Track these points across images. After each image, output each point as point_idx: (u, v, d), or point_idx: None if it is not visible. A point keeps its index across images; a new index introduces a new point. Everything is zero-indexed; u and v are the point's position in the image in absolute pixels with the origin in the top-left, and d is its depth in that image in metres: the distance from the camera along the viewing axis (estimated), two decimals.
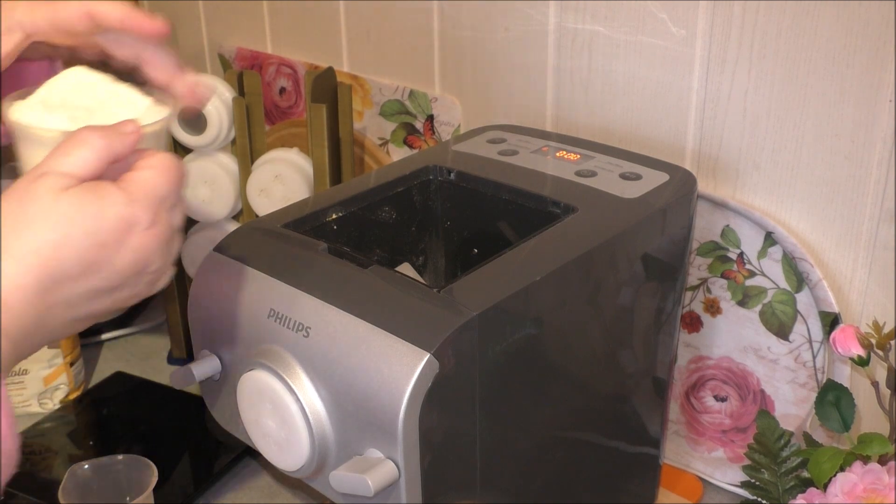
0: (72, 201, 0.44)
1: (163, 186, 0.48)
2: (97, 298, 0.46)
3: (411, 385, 0.47)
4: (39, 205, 0.44)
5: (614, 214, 0.62)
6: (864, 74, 0.67)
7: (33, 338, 0.45)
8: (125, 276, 0.47)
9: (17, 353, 0.44)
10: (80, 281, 0.45)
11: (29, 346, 0.45)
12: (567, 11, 0.82)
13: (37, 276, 0.43)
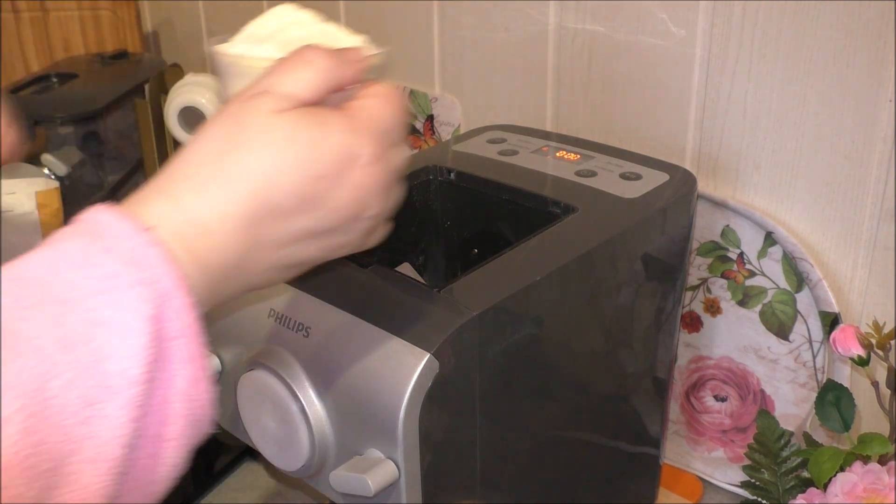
0: (291, 125, 0.40)
1: (388, 118, 0.43)
2: (307, 241, 0.41)
3: (411, 385, 0.47)
4: (255, 127, 0.39)
5: (614, 214, 0.61)
6: (864, 74, 0.67)
7: (230, 280, 0.40)
8: (341, 218, 0.41)
9: (213, 293, 0.39)
10: (293, 218, 0.40)
11: (224, 290, 0.40)
12: (567, 11, 0.82)
13: (246, 206, 0.39)
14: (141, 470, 0.35)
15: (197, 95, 0.94)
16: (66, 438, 0.32)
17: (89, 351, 0.33)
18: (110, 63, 1.12)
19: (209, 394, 0.38)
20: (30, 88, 1.05)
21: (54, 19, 1.20)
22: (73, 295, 0.34)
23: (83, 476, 0.32)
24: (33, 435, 0.31)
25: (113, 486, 0.34)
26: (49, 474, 0.31)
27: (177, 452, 0.36)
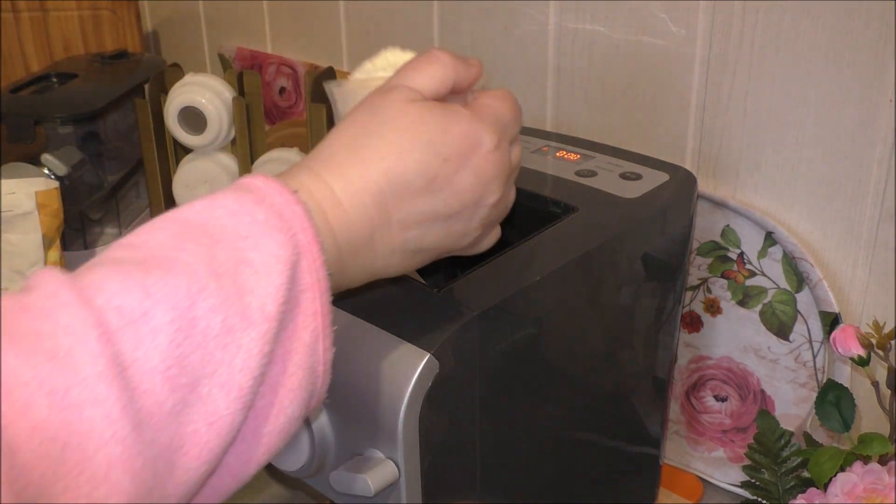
0: (419, 112, 0.44)
1: (506, 114, 0.47)
2: (431, 224, 0.44)
3: (411, 385, 0.47)
4: (387, 114, 0.43)
5: (614, 214, 0.61)
6: (864, 74, 0.67)
7: (358, 257, 0.43)
8: (462, 202, 0.44)
9: (341, 267, 0.42)
10: (419, 197, 0.43)
11: (352, 267, 0.43)
12: (567, 11, 0.82)
13: (377, 183, 0.42)
14: (259, 418, 0.38)
15: (197, 95, 0.94)
16: (205, 360, 0.34)
17: (234, 283, 0.36)
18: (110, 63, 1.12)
19: (329, 355, 0.40)
20: (30, 88, 1.05)
21: (54, 19, 1.20)
22: (224, 236, 0.37)
23: (215, 401, 0.35)
24: (178, 348, 0.34)
25: (238, 421, 0.36)
26: (187, 389, 0.34)
27: (292, 406, 0.39)
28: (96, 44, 1.22)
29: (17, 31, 1.20)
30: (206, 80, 0.96)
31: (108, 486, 0.31)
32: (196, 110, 0.94)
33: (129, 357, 0.33)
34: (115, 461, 0.32)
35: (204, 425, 0.35)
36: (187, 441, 0.34)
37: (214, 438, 0.35)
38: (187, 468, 0.35)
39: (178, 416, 0.34)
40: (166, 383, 0.33)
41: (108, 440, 0.31)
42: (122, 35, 1.23)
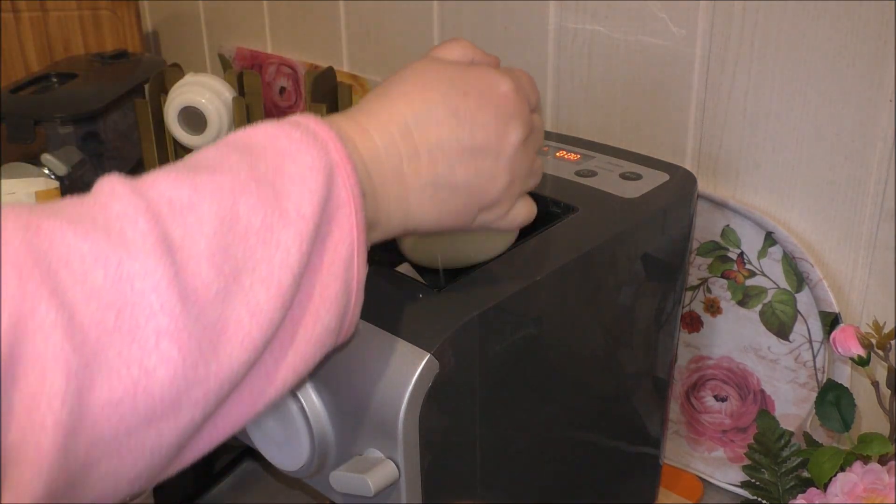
0: (441, 63, 0.49)
1: (523, 79, 0.50)
2: (459, 156, 0.46)
3: (411, 385, 0.47)
4: (413, 68, 0.48)
5: (614, 214, 0.61)
6: (864, 74, 0.67)
7: (390, 188, 0.45)
8: (486, 133, 0.46)
9: (374, 195, 0.44)
10: (443, 126, 0.46)
11: (386, 200, 0.45)
12: (567, 11, 0.82)
13: (404, 115, 0.45)
14: (297, 321, 0.40)
15: (197, 95, 0.94)
16: (247, 253, 0.37)
17: (273, 188, 0.39)
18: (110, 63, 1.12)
19: (363, 275, 0.43)
20: (30, 88, 1.05)
21: (54, 19, 1.20)
22: (264, 151, 0.40)
23: (256, 294, 0.37)
24: (223, 238, 0.37)
25: (277, 318, 0.38)
26: (230, 277, 0.37)
27: (328, 316, 0.41)
28: (96, 44, 1.22)
29: (17, 31, 1.20)
30: (206, 80, 0.96)
31: (158, 355, 0.34)
32: (196, 110, 0.94)
33: (178, 240, 0.36)
34: (164, 332, 0.34)
35: (246, 315, 0.37)
36: (231, 327, 0.37)
37: (256, 330, 0.37)
38: (230, 354, 0.37)
39: (222, 301, 0.36)
40: (212, 268, 0.36)
41: (157, 311, 0.34)
42: (122, 35, 1.23)
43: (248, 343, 0.37)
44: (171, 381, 0.34)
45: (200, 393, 0.36)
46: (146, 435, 0.35)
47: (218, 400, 0.37)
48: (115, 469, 0.35)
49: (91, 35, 1.22)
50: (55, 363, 0.32)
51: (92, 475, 0.34)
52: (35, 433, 0.32)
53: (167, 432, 0.36)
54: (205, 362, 0.36)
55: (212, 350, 0.36)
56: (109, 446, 0.34)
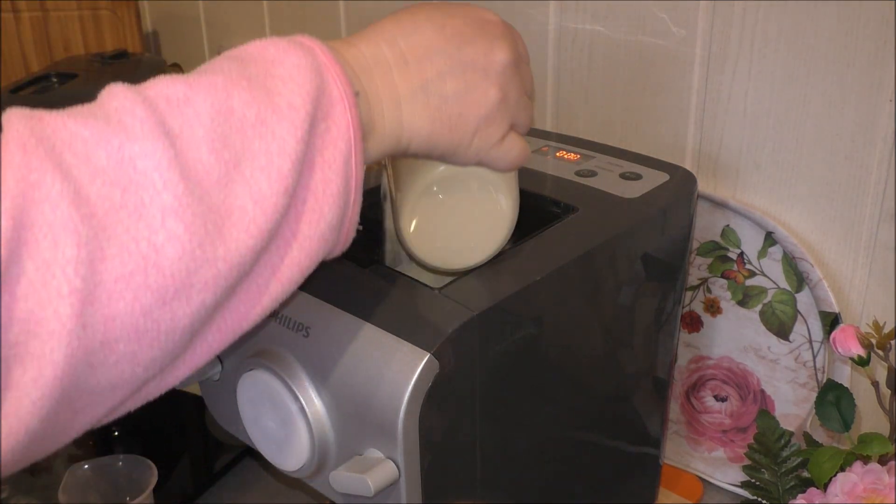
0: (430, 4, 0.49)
1: (511, 31, 0.51)
2: (448, 68, 0.47)
3: (411, 385, 0.47)
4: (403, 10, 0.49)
5: (614, 214, 0.61)
6: (864, 74, 0.67)
7: (381, 94, 0.45)
8: (474, 51, 0.48)
9: (367, 99, 0.45)
10: (430, 38, 0.47)
11: (378, 106, 0.45)
12: (567, 11, 0.82)
13: (391, 31, 0.47)
14: (300, 215, 0.41)
15: None
16: (244, 144, 0.38)
17: (265, 88, 0.40)
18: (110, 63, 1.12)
19: (361, 174, 0.43)
20: (30, 88, 1.05)
21: (54, 19, 1.20)
22: (254, 59, 0.42)
23: (258, 182, 0.38)
24: (220, 128, 0.38)
25: (281, 205, 0.39)
26: (231, 164, 0.38)
27: (331, 212, 0.42)
28: (96, 44, 1.22)
29: (17, 31, 1.20)
30: None
31: (165, 232, 0.35)
32: None
33: (176, 129, 0.37)
34: (169, 210, 0.35)
35: (250, 202, 0.38)
36: (235, 212, 0.38)
37: (260, 216, 0.38)
38: (237, 238, 0.38)
39: (224, 187, 0.37)
40: (211, 154, 0.37)
41: (161, 190, 0.35)
42: (122, 35, 1.23)
43: (254, 229, 0.38)
44: (179, 259, 0.36)
45: (209, 274, 0.37)
46: (160, 315, 0.36)
47: (227, 287, 0.38)
48: (132, 351, 0.36)
49: (91, 35, 1.22)
50: (65, 231, 0.33)
51: (110, 356, 0.35)
52: (52, 301, 0.32)
53: (180, 314, 0.37)
54: (211, 243, 0.37)
55: (217, 232, 0.37)
56: (125, 324, 0.35)
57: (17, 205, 0.32)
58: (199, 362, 0.41)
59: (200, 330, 0.39)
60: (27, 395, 0.33)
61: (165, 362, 0.38)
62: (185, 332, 0.37)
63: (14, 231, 0.32)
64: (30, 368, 0.33)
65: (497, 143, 0.50)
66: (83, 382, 0.35)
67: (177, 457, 0.87)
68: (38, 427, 0.34)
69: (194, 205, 0.36)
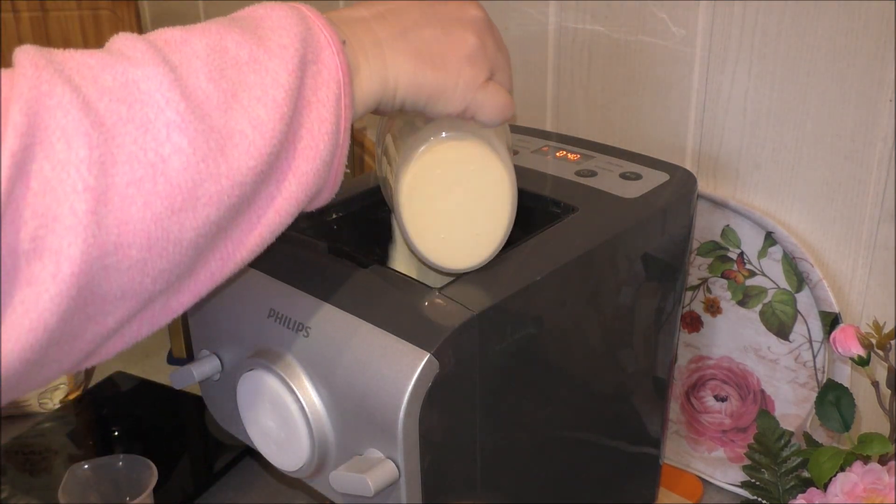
0: None
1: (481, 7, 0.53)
2: (424, 19, 0.49)
3: (411, 385, 0.47)
4: None
5: (614, 214, 0.61)
6: (864, 74, 0.67)
7: (364, 42, 0.47)
8: (447, 8, 0.50)
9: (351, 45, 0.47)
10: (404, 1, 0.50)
11: (362, 51, 0.47)
12: (567, 11, 0.82)
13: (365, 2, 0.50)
14: (296, 150, 0.43)
15: None
16: (240, 77, 0.41)
17: (255, 35, 0.43)
18: None
19: (350, 115, 0.46)
20: None
21: (54, 19, 1.20)
22: (242, 17, 0.45)
23: (255, 109, 0.41)
24: (216, 61, 0.41)
25: (279, 131, 0.41)
26: (229, 93, 0.40)
27: (326, 149, 0.44)
28: (96, 44, 1.22)
29: (17, 31, 1.20)
30: None
31: (171, 145, 0.38)
32: None
33: (176, 62, 0.40)
34: (173, 125, 0.38)
35: (249, 127, 0.40)
36: (236, 136, 0.40)
37: (260, 140, 0.41)
38: (238, 158, 0.40)
39: (224, 112, 0.40)
40: (210, 82, 0.40)
41: (164, 107, 0.38)
42: None
43: (254, 151, 0.41)
44: (185, 169, 0.38)
45: (213, 189, 0.39)
46: (170, 224, 0.38)
47: (230, 206, 0.40)
48: (143, 259, 0.38)
49: (91, 35, 1.22)
50: (77, 134, 0.35)
51: (123, 261, 0.37)
52: (69, 197, 0.35)
53: (187, 226, 0.39)
54: (214, 159, 0.39)
55: (220, 150, 0.39)
56: (138, 230, 0.37)
57: (31, 108, 0.35)
58: (202, 290, 0.43)
59: (204, 253, 0.41)
60: (46, 290, 0.35)
61: (172, 279, 0.40)
62: (191, 246, 0.40)
63: (28, 128, 0.34)
64: (49, 264, 0.35)
65: (482, 86, 0.51)
66: (97, 286, 0.37)
67: (177, 457, 0.87)
68: (56, 327, 0.36)
69: (196, 122, 0.38)
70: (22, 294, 0.34)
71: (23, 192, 0.34)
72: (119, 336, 0.41)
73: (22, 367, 0.36)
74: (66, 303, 0.35)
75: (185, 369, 0.58)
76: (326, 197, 0.47)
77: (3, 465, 0.85)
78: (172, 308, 0.42)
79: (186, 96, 0.39)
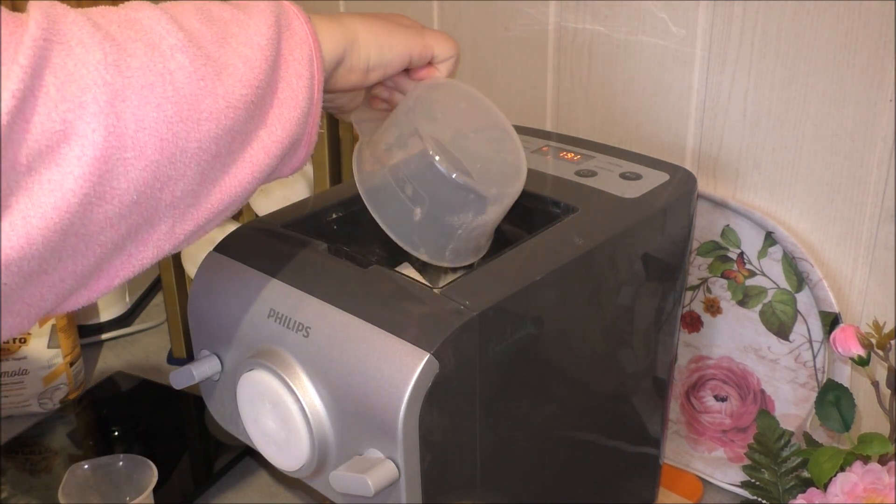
0: None
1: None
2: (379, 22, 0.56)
3: (411, 385, 0.47)
4: None
5: (614, 214, 0.61)
6: (864, 74, 0.67)
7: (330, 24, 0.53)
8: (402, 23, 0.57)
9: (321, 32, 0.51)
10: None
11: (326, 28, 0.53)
12: (567, 11, 0.82)
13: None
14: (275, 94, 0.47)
15: None
16: (226, 28, 0.45)
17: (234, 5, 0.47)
18: None
19: (322, 78, 0.50)
20: None
21: None
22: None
23: (243, 51, 0.45)
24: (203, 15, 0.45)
25: (265, 69, 0.46)
26: (218, 35, 0.45)
27: (305, 101, 0.48)
28: None
29: None
30: None
31: (175, 62, 0.42)
32: None
33: (170, 11, 0.44)
34: (176, 47, 0.42)
35: (239, 62, 0.45)
36: (229, 66, 0.44)
37: (249, 73, 0.45)
38: (232, 84, 0.44)
39: (217, 47, 0.44)
40: (202, 24, 0.44)
41: (166, 35, 0.42)
42: None
43: (245, 81, 0.45)
44: (188, 83, 0.42)
45: (213, 107, 0.43)
46: (178, 130, 0.41)
47: (226, 128, 0.44)
48: (156, 161, 0.41)
49: None
50: (92, 41, 0.39)
51: (139, 158, 0.40)
52: (91, 88, 0.38)
53: (193, 137, 0.42)
54: (211, 80, 0.43)
55: (216, 75, 0.43)
56: (151, 129, 0.40)
57: (48, 17, 0.38)
58: (203, 220, 0.46)
59: (208, 176, 0.44)
60: (71, 171, 0.38)
61: (179, 194, 0.43)
62: (195, 160, 0.43)
63: (48, 30, 0.38)
64: (75, 146, 0.38)
65: (425, 32, 0.59)
66: (115, 179, 0.39)
67: (177, 457, 0.87)
68: (76, 210, 0.38)
69: (194, 49, 0.43)
70: (50, 173, 0.37)
71: (51, 78, 0.37)
72: (127, 256, 0.43)
73: (39, 252, 0.38)
74: (87, 187, 0.38)
75: (185, 369, 0.58)
76: (304, 155, 0.51)
77: (3, 465, 0.85)
78: (177, 235, 0.45)
79: (184, 30, 0.43)
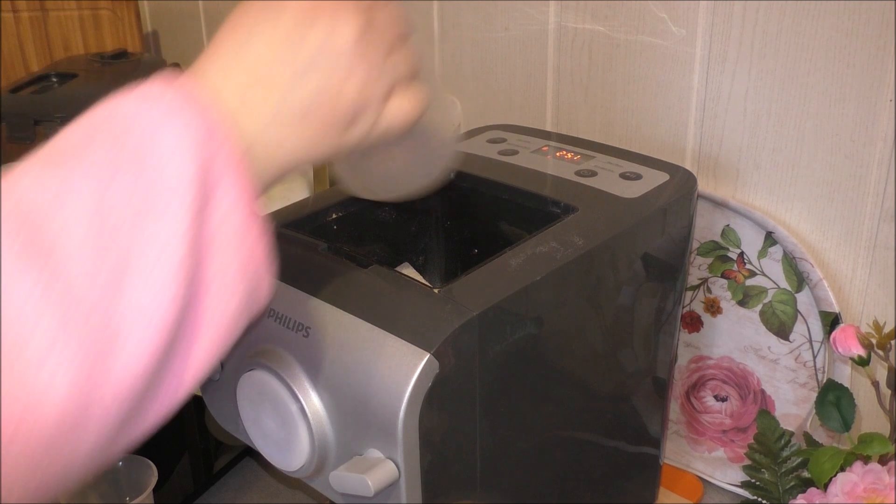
0: None
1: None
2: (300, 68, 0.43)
3: (411, 385, 0.47)
4: None
5: (614, 214, 0.61)
6: (864, 74, 0.67)
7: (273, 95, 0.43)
8: (316, 32, 0.44)
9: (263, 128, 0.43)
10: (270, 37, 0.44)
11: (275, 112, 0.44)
12: (567, 11, 0.82)
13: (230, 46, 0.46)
14: (197, 309, 0.40)
15: None
16: (120, 259, 0.36)
17: (141, 174, 0.38)
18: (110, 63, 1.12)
19: (263, 246, 0.43)
20: (30, 88, 1.05)
21: (54, 19, 1.20)
22: (127, 131, 0.39)
23: (133, 326, 0.37)
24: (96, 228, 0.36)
25: (181, 295, 0.38)
26: (106, 290, 0.36)
27: (234, 301, 0.41)
28: (96, 44, 1.22)
29: (17, 31, 1.20)
30: None
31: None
32: None
33: (49, 241, 0.35)
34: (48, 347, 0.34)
35: (135, 320, 0.37)
36: (120, 334, 0.37)
37: (147, 335, 0.38)
38: (125, 361, 0.38)
39: (105, 300, 0.36)
40: (86, 257, 0.35)
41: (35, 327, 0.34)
42: (122, 35, 1.22)
43: (146, 347, 0.39)
44: (60, 404, 0.35)
45: (101, 406, 0.38)
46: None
47: (130, 399, 0.40)
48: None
49: (91, 35, 1.22)
50: None
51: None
52: None
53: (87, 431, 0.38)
54: (95, 380, 0.37)
55: (100, 360, 0.37)
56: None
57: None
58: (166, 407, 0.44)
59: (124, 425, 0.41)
60: None
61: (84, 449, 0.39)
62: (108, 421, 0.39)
63: None
64: None
65: (375, 123, 0.47)
66: None
67: (177, 457, 0.87)
68: None
69: (78, 330, 0.35)
70: None
71: None
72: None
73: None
74: None
75: None
76: (265, 294, 0.45)
77: None
78: (114, 454, 0.42)
79: (62, 301, 0.34)
